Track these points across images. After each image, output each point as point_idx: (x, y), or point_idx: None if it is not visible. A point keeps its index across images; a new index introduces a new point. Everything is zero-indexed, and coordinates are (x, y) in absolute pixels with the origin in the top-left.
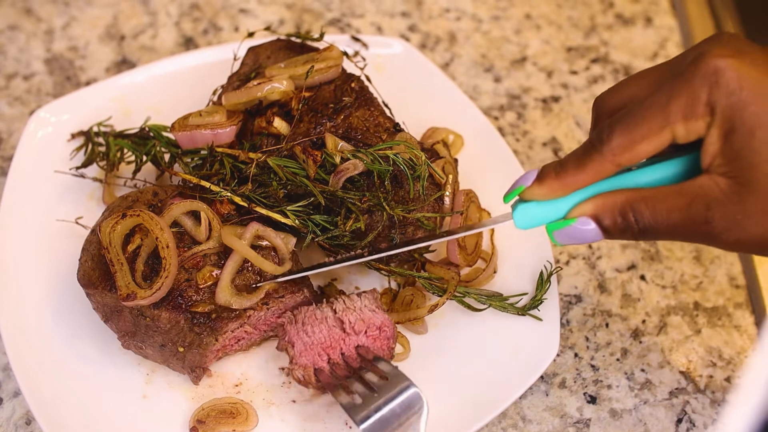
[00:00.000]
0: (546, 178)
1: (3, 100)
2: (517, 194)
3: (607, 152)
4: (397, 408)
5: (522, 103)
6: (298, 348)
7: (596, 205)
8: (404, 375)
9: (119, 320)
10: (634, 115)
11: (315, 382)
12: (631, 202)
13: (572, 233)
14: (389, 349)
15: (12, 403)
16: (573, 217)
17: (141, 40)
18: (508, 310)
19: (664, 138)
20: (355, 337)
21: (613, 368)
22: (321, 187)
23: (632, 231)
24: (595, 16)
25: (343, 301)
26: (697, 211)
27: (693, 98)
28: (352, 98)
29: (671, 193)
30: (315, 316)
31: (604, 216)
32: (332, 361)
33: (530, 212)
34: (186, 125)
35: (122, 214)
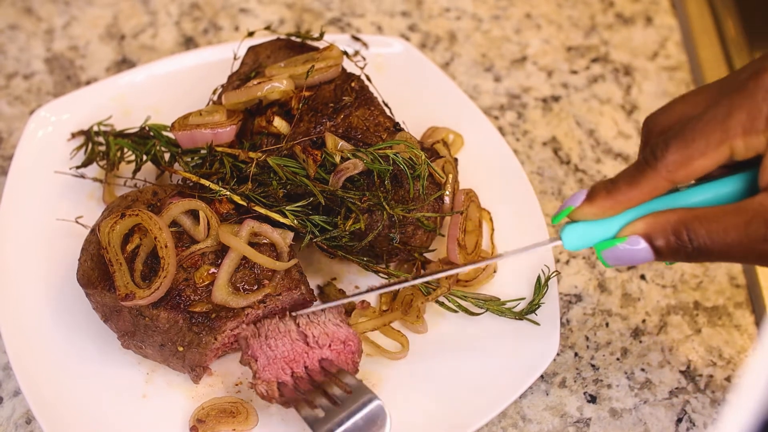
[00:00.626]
0: (597, 196)
1: (3, 99)
2: (566, 215)
3: (662, 168)
4: (360, 421)
5: (522, 102)
6: (262, 362)
7: (648, 223)
8: (367, 388)
9: (118, 320)
10: (692, 130)
11: (278, 397)
12: (686, 221)
13: (622, 253)
14: (354, 363)
15: (12, 402)
16: (623, 236)
17: (141, 40)
18: (505, 314)
19: (722, 154)
20: (319, 350)
21: (613, 368)
22: (321, 186)
23: (686, 251)
24: (595, 16)
25: (306, 316)
26: (756, 230)
27: (754, 112)
28: (352, 98)
29: (728, 212)
30: (278, 329)
31: (657, 235)
32: (296, 374)
33: (579, 232)
34: (186, 125)
35: (121, 214)
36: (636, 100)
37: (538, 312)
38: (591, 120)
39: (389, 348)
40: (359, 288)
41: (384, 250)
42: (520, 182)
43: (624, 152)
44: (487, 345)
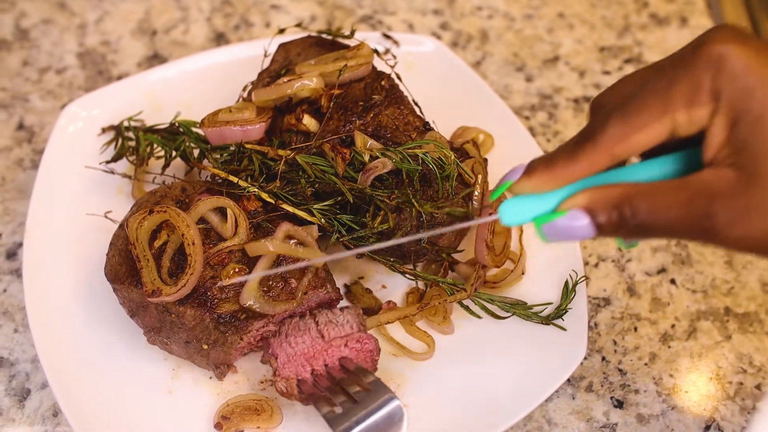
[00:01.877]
0: (535, 170)
1: (36, 93)
2: (504, 190)
3: (602, 142)
4: (378, 419)
5: (553, 103)
6: (282, 359)
7: (589, 197)
8: (386, 386)
9: (145, 316)
10: (632, 102)
11: (297, 394)
12: (628, 196)
13: (562, 227)
14: (372, 361)
15: (40, 394)
16: (563, 210)
17: (173, 35)
18: (532, 319)
19: (663, 127)
20: (338, 348)
21: (641, 373)
22: (349, 185)
23: (627, 227)
24: (629, 16)
25: (326, 315)
26: (698, 206)
27: (696, 84)
28: (382, 96)
29: (671, 188)
30: (298, 328)
31: (598, 210)
32: (315, 372)
33: (518, 207)
34: (216, 121)
35: (149, 210)
36: None
37: (566, 316)
38: None
39: (415, 348)
40: (386, 287)
41: (411, 250)
42: None
43: None
44: (513, 347)
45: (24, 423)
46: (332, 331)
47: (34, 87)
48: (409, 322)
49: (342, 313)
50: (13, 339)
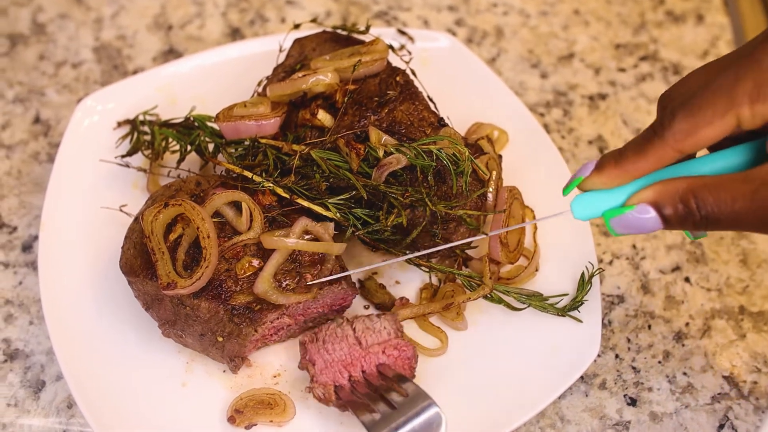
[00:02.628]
0: (605, 166)
1: (52, 87)
2: (576, 185)
3: (669, 137)
4: (417, 426)
5: (568, 99)
6: (319, 366)
7: (656, 191)
8: (425, 393)
9: (160, 308)
10: (698, 98)
11: (335, 400)
12: (694, 189)
13: (630, 221)
14: (410, 368)
15: (54, 386)
16: (632, 204)
17: (188, 30)
18: (548, 310)
19: (728, 122)
20: (375, 355)
21: (654, 371)
22: (364, 180)
23: (693, 219)
24: (644, 13)
25: (363, 321)
26: (763, 198)
27: (760, 80)
28: (397, 92)
29: (736, 180)
30: (336, 334)
31: (665, 203)
32: (353, 378)
33: (588, 202)
34: (230, 116)
35: (164, 204)
36: None
37: (580, 312)
38: (638, 119)
39: (428, 344)
40: (400, 283)
41: (426, 246)
42: (564, 181)
43: None
44: (527, 344)
45: (39, 414)
46: (370, 338)
47: (50, 81)
48: (422, 317)
49: (379, 319)
50: (28, 331)
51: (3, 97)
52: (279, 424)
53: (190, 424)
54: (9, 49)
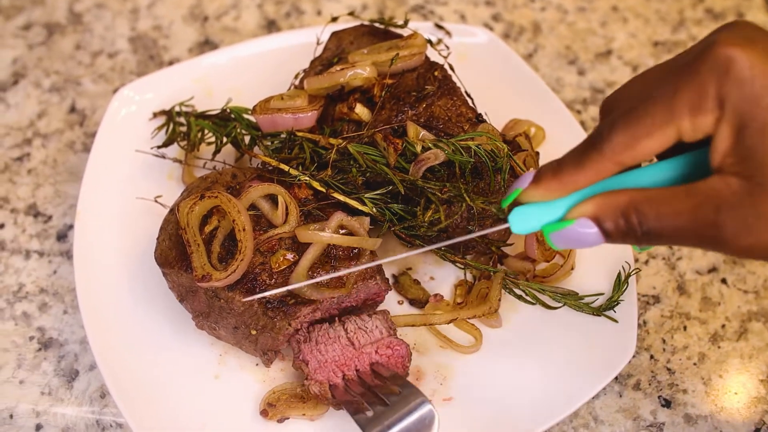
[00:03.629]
0: (543, 178)
1: (88, 77)
2: (514, 197)
3: (608, 150)
4: (410, 425)
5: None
6: (313, 365)
7: (596, 205)
8: (418, 390)
9: (194, 300)
10: (637, 110)
11: (331, 398)
12: (635, 203)
13: (570, 235)
14: (404, 366)
15: (88, 376)
16: (572, 218)
17: (224, 22)
18: (583, 309)
19: (668, 135)
20: (368, 355)
21: (689, 372)
22: (401, 175)
23: (635, 234)
24: (684, 10)
25: (354, 322)
26: (705, 214)
27: (701, 91)
28: (435, 87)
29: (678, 195)
30: (328, 335)
31: (605, 217)
32: (347, 377)
33: (527, 214)
34: (267, 108)
35: (200, 195)
36: None
37: (616, 311)
38: None
39: (462, 341)
40: (434, 279)
41: (461, 242)
42: None
43: None
44: (561, 343)
45: (72, 403)
46: (362, 338)
47: (86, 70)
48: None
49: (371, 319)
50: (62, 320)
51: (39, 86)
52: (311, 418)
53: (221, 417)
54: (46, 38)
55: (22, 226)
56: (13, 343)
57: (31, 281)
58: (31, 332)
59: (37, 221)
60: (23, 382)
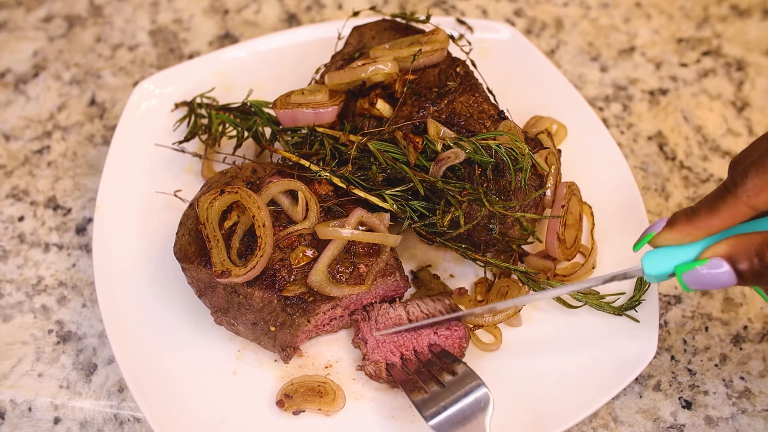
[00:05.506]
0: (677, 222)
1: (108, 70)
2: (647, 242)
3: (742, 194)
4: (466, 406)
5: (628, 94)
6: (371, 345)
7: (730, 245)
8: (474, 373)
9: (213, 296)
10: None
11: (386, 377)
12: None
13: (703, 276)
14: (461, 348)
15: (106, 369)
16: (705, 258)
17: (244, 15)
18: (604, 309)
19: None
20: (427, 336)
21: (710, 374)
22: (421, 175)
23: None
24: (708, 7)
25: (416, 303)
26: None
27: None
28: (457, 83)
29: None
30: (388, 314)
31: (740, 257)
32: (404, 357)
33: (660, 257)
34: (288, 103)
35: (220, 191)
36: (748, 97)
37: (637, 310)
38: (699, 115)
39: (482, 340)
40: (454, 276)
41: (482, 240)
42: (623, 177)
43: (733, 151)
44: (581, 343)
45: (90, 397)
46: (422, 317)
47: (106, 63)
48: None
49: (432, 301)
50: (81, 313)
51: (60, 79)
52: (327, 413)
53: (239, 412)
54: (66, 30)
55: (42, 219)
56: (32, 336)
57: (50, 274)
58: (49, 325)
59: (56, 214)
60: (42, 376)
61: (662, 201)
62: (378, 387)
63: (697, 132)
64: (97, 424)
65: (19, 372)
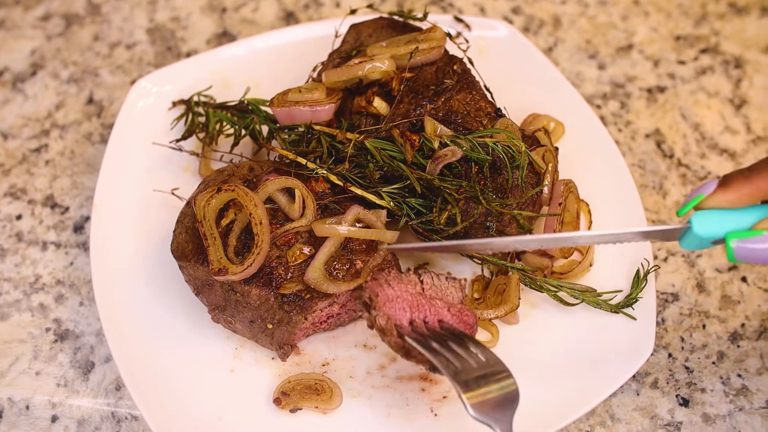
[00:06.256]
0: (733, 182)
1: (105, 68)
2: (695, 205)
3: None
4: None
5: (626, 92)
6: (382, 299)
7: None
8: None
9: (210, 294)
10: None
11: (395, 336)
12: None
13: (756, 247)
14: (472, 335)
15: (103, 368)
16: (762, 229)
17: (242, 13)
18: (601, 306)
19: None
20: (439, 309)
21: (708, 371)
22: (418, 173)
23: None
24: (706, 4)
25: (431, 276)
26: None
27: None
28: (454, 81)
29: None
30: (400, 278)
31: None
32: (415, 324)
33: (711, 219)
34: (285, 101)
35: (217, 188)
36: (746, 95)
37: (635, 308)
38: (697, 113)
39: (478, 337)
40: (451, 274)
41: (479, 238)
42: (620, 174)
43: (730, 148)
44: (578, 340)
45: (88, 395)
46: (433, 293)
47: (104, 62)
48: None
49: (447, 280)
50: (78, 312)
51: (57, 77)
52: (324, 411)
53: (236, 410)
54: (64, 29)
55: (39, 218)
56: (30, 334)
57: (47, 272)
58: (47, 324)
59: (54, 212)
60: (39, 374)
61: (660, 199)
62: (375, 385)
63: (695, 129)
64: (94, 422)
65: (17, 370)
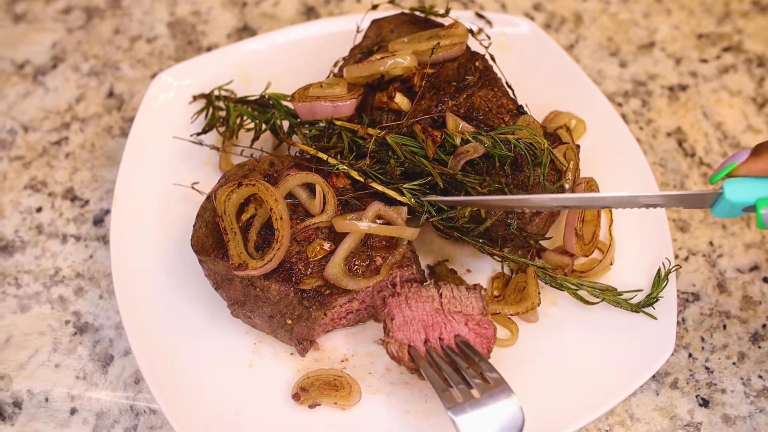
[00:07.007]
0: (765, 151)
1: (126, 62)
2: (727, 172)
3: None
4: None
5: (648, 90)
6: (398, 321)
7: None
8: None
9: (230, 288)
10: None
11: (408, 360)
12: None
13: None
14: (488, 348)
15: (122, 361)
16: None
17: (263, 7)
18: (621, 305)
19: None
20: (456, 324)
21: (728, 372)
22: (440, 168)
23: None
24: (729, 2)
25: (451, 289)
26: None
27: None
28: (476, 77)
29: None
30: (420, 294)
31: None
32: (429, 344)
33: (743, 185)
34: (306, 96)
35: (238, 183)
36: None
37: (655, 307)
38: (719, 112)
39: (497, 335)
40: (471, 271)
41: (500, 235)
42: (641, 173)
43: None
44: (598, 339)
45: (107, 388)
46: (453, 307)
47: (124, 55)
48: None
49: (467, 292)
50: (98, 305)
51: (78, 70)
52: (343, 407)
53: (254, 405)
54: (85, 22)
55: (60, 210)
56: (49, 326)
57: (67, 265)
58: (66, 316)
59: (74, 205)
60: (59, 366)
61: None
62: (394, 381)
63: (716, 128)
64: (113, 415)
65: (36, 362)
